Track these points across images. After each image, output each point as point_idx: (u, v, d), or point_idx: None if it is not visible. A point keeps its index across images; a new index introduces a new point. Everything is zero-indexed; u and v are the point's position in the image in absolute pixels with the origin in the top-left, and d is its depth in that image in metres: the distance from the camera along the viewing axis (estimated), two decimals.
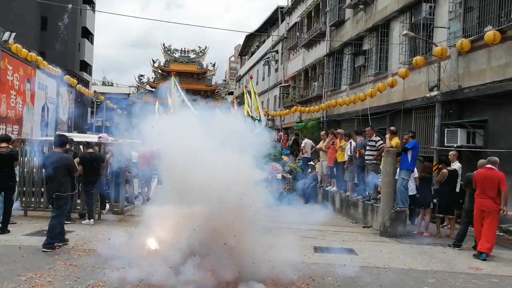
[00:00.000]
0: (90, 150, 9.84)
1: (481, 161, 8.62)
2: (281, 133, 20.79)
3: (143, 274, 5.52)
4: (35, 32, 33.83)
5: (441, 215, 9.87)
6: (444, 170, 9.71)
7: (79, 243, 7.54)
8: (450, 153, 10.40)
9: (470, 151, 11.50)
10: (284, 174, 13.63)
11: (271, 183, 12.65)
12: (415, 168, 10.19)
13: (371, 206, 10.52)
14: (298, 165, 15.49)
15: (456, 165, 10.03)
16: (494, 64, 11.15)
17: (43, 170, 7.86)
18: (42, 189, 10.07)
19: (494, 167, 7.99)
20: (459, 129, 11.73)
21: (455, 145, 11.72)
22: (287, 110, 27.06)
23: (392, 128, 10.80)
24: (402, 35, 14.34)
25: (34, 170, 10.14)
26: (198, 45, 54.82)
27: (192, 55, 45.32)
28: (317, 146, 14.54)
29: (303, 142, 16.18)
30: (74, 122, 26.52)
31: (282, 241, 7.63)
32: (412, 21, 14.83)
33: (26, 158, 10.11)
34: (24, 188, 10.05)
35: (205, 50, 45.86)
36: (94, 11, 43.70)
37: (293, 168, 14.91)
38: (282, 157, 14.69)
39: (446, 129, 12.35)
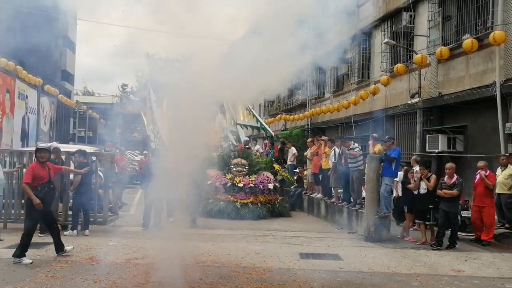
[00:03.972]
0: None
1: None
2: (266, 141, 20.78)
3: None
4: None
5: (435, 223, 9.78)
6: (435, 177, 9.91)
7: (61, 255, 7.39)
8: (412, 158, 10.62)
9: (451, 156, 11.70)
10: (276, 184, 13.26)
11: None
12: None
13: (355, 212, 10.59)
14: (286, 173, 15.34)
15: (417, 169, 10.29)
16: (472, 71, 11.41)
17: None
18: (23, 201, 9.90)
19: None
20: (440, 135, 11.94)
21: (437, 150, 11.93)
22: (272, 118, 27.13)
23: (375, 134, 10.93)
24: (384, 43, 14.59)
25: (14, 181, 9.94)
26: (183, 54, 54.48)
27: (177, 65, 44.90)
28: (304, 154, 14.52)
29: (290, 150, 16.20)
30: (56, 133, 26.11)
31: (269, 247, 7.64)
32: (393, 29, 15.10)
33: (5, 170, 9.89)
34: (4, 200, 9.82)
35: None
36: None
37: (285, 177, 14.62)
38: (274, 165, 14.41)
39: (427, 135, 12.56)
